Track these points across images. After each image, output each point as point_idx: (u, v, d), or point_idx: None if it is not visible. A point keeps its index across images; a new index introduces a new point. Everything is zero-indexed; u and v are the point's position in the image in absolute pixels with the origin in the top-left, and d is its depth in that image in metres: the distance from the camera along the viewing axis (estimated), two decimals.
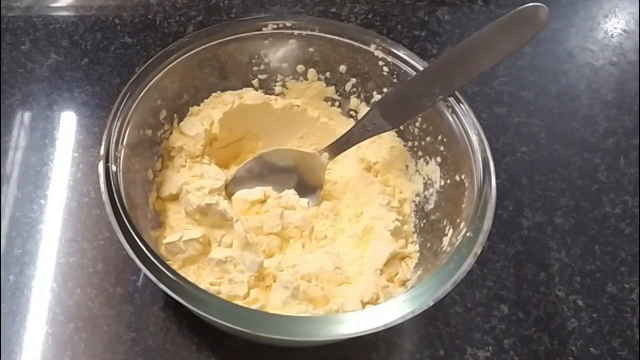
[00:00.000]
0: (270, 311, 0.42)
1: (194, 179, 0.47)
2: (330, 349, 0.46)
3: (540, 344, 0.47)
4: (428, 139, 0.49)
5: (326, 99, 0.53)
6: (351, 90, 0.52)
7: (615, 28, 0.66)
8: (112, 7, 0.64)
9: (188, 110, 0.50)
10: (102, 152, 0.42)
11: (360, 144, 0.49)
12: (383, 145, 0.51)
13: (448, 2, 0.67)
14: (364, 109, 0.52)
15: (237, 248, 0.44)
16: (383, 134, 0.49)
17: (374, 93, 0.51)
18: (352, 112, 0.53)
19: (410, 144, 0.50)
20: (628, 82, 0.62)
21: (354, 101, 0.52)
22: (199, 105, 0.50)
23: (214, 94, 0.51)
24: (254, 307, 0.42)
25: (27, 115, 0.56)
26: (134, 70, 0.58)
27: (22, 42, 0.60)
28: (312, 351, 0.46)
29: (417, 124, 0.49)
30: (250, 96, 0.51)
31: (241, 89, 0.52)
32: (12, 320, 0.45)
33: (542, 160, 0.56)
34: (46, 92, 0.57)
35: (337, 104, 0.53)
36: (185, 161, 0.49)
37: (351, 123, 0.52)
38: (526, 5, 0.42)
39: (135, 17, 0.63)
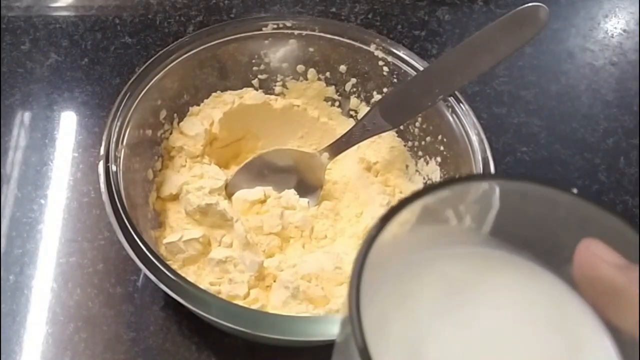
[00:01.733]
0: (270, 311, 0.42)
1: (194, 179, 0.47)
2: (331, 349, 0.45)
3: None
4: (428, 138, 0.49)
5: (326, 99, 0.53)
6: (351, 90, 0.52)
7: (616, 28, 0.66)
8: (112, 7, 0.64)
9: (188, 110, 0.50)
10: (102, 152, 0.42)
11: (360, 144, 0.49)
12: (383, 145, 0.51)
13: (448, 2, 0.67)
14: (364, 109, 0.52)
15: (237, 248, 0.44)
16: (383, 134, 0.49)
17: (374, 93, 0.51)
18: (352, 112, 0.53)
19: (410, 143, 0.50)
20: (628, 82, 0.62)
21: (354, 101, 0.52)
22: (199, 105, 0.50)
23: (214, 94, 0.51)
24: (254, 307, 0.42)
25: (27, 115, 0.56)
26: (134, 70, 0.58)
27: (22, 42, 0.60)
28: (312, 351, 0.46)
29: (417, 124, 0.49)
30: (250, 96, 0.51)
31: (241, 89, 0.52)
32: (12, 320, 0.45)
33: (542, 160, 0.56)
34: (46, 92, 0.57)
35: (337, 104, 0.53)
36: (185, 161, 0.49)
37: (351, 123, 0.52)
38: (526, 5, 0.42)
39: (135, 17, 0.63)
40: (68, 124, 0.56)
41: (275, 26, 0.49)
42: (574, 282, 0.22)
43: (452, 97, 0.46)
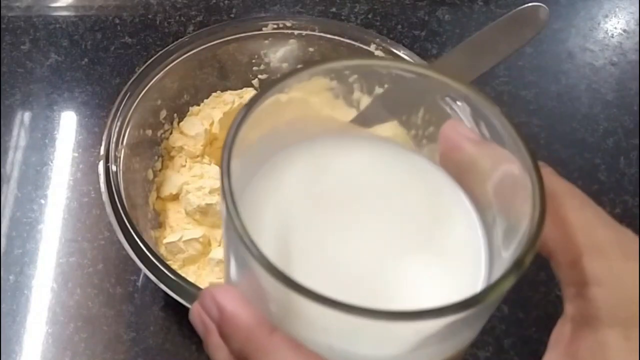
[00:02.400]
0: None
1: (194, 179, 0.47)
2: None
3: (540, 344, 0.47)
4: (431, 128, 0.49)
5: None
6: (354, 81, 0.52)
7: (616, 28, 0.66)
8: (112, 7, 0.64)
9: (188, 110, 0.50)
10: (102, 152, 0.42)
11: None
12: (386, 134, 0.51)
13: (448, 2, 0.67)
14: (365, 100, 0.52)
15: None
16: (385, 124, 0.49)
17: (376, 88, 0.51)
18: None
19: (413, 132, 0.50)
20: (628, 82, 0.62)
21: (357, 93, 0.52)
22: (199, 105, 0.50)
23: (214, 94, 0.51)
24: None
25: (27, 115, 0.56)
26: (134, 70, 0.58)
27: (22, 42, 0.60)
28: None
29: (420, 114, 0.49)
30: (251, 96, 0.51)
31: (241, 89, 0.52)
32: (12, 320, 0.45)
33: (542, 160, 0.56)
34: (46, 92, 0.57)
35: None
36: (186, 161, 0.49)
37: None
38: (526, 5, 0.42)
39: (135, 17, 0.63)
40: (68, 124, 0.56)
41: (275, 26, 0.49)
42: (437, 159, 0.24)
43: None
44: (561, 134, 0.58)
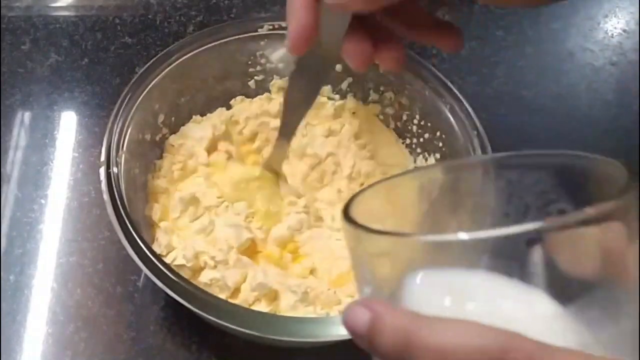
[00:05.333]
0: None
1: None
2: (333, 349, 0.45)
3: None
4: (427, 135, 0.49)
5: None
6: (347, 89, 0.52)
7: (616, 28, 0.66)
8: (113, 7, 0.64)
9: (188, 112, 0.50)
10: (102, 152, 0.42)
11: (359, 153, 0.49)
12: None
13: (448, 2, 0.67)
14: (361, 108, 0.52)
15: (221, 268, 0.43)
16: (382, 137, 0.50)
17: (371, 92, 0.51)
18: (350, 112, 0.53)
19: (408, 140, 0.51)
20: (628, 82, 0.62)
21: (350, 100, 0.52)
22: (198, 106, 0.50)
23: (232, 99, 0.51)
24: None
25: (27, 115, 0.56)
26: (134, 70, 0.58)
27: (22, 42, 0.60)
28: (312, 351, 0.46)
29: (416, 121, 0.49)
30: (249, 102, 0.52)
31: (240, 88, 0.52)
32: (12, 320, 0.45)
33: None
34: (46, 92, 0.57)
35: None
36: (184, 166, 0.48)
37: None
38: None
39: (135, 17, 0.63)
40: (68, 123, 0.56)
41: (270, 27, 0.49)
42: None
43: (451, 96, 0.46)
44: (561, 134, 0.58)
